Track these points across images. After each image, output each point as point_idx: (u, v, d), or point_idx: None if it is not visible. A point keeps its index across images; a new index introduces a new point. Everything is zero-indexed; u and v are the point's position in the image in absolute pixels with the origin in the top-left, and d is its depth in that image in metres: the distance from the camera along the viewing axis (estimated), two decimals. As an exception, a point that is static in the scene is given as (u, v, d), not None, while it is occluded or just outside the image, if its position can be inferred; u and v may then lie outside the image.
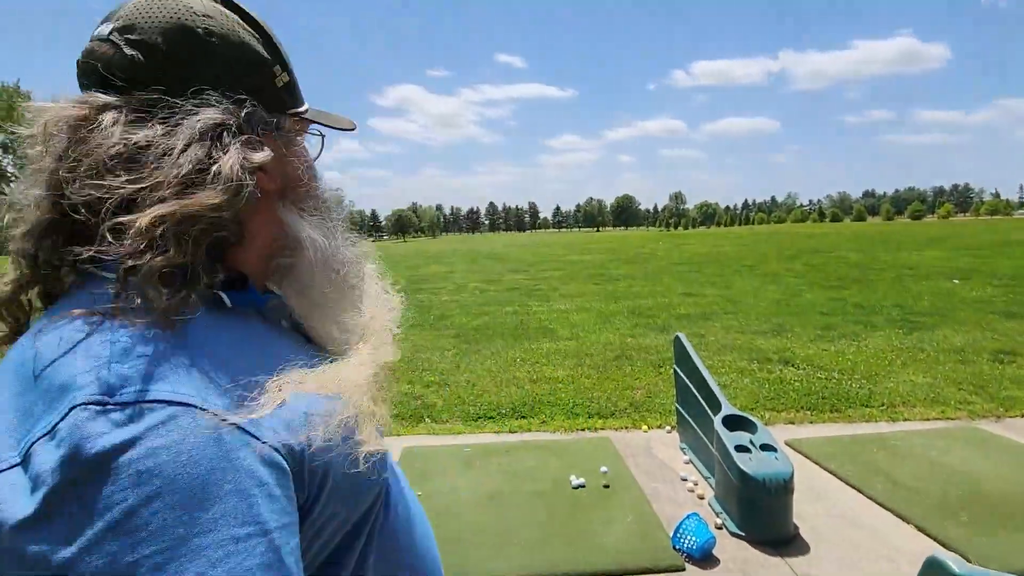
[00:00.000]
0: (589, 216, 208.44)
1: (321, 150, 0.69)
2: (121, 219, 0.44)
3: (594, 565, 2.37)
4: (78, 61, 0.53)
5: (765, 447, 2.71)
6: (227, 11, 0.57)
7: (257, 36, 0.58)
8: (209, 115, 0.50)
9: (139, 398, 0.40)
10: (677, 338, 3.67)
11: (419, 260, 25.46)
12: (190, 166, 0.47)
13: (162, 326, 0.44)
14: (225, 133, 0.51)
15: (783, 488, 2.49)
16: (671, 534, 2.52)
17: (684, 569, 2.35)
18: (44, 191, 0.48)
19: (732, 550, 2.48)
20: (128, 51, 0.50)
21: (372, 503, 0.57)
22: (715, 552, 2.45)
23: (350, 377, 0.54)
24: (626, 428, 4.06)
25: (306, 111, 0.64)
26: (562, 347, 6.53)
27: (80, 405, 0.39)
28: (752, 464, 2.57)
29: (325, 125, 0.67)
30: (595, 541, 2.54)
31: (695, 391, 3.37)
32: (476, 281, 14.48)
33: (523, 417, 4.32)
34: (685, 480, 3.16)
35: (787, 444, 3.58)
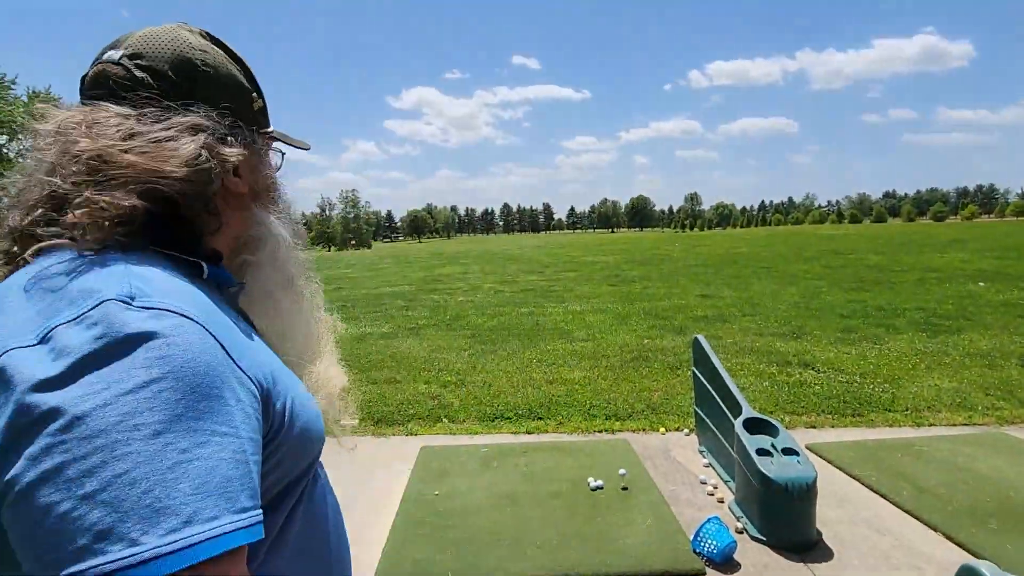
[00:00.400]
0: (604, 217, 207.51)
1: (281, 164, 0.80)
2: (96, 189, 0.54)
3: (613, 567, 2.35)
4: (86, 77, 0.63)
5: (787, 451, 2.67)
6: (215, 47, 0.68)
7: (239, 68, 0.70)
8: (193, 119, 0.61)
9: (158, 305, 0.48)
10: (696, 340, 3.64)
11: (434, 260, 25.56)
12: (160, 143, 0.57)
13: (152, 261, 0.55)
14: (203, 132, 0.61)
15: (806, 493, 2.45)
16: (691, 537, 2.49)
17: (705, 573, 2.32)
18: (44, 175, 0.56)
19: (753, 555, 2.45)
20: (138, 74, 0.61)
21: (308, 467, 0.64)
22: (736, 556, 2.42)
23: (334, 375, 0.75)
24: (643, 430, 4.03)
25: (272, 131, 0.77)
26: (578, 348, 6.50)
27: (111, 299, 0.47)
28: (774, 468, 2.53)
29: (287, 143, 0.80)
30: (614, 543, 2.52)
31: (714, 393, 3.33)
32: (491, 282, 14.49)
33: (540, 418, 4.31)
34: (704, 483, 3.13)
35: (808, 448, 3.52)
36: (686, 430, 3.96)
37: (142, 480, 0.41)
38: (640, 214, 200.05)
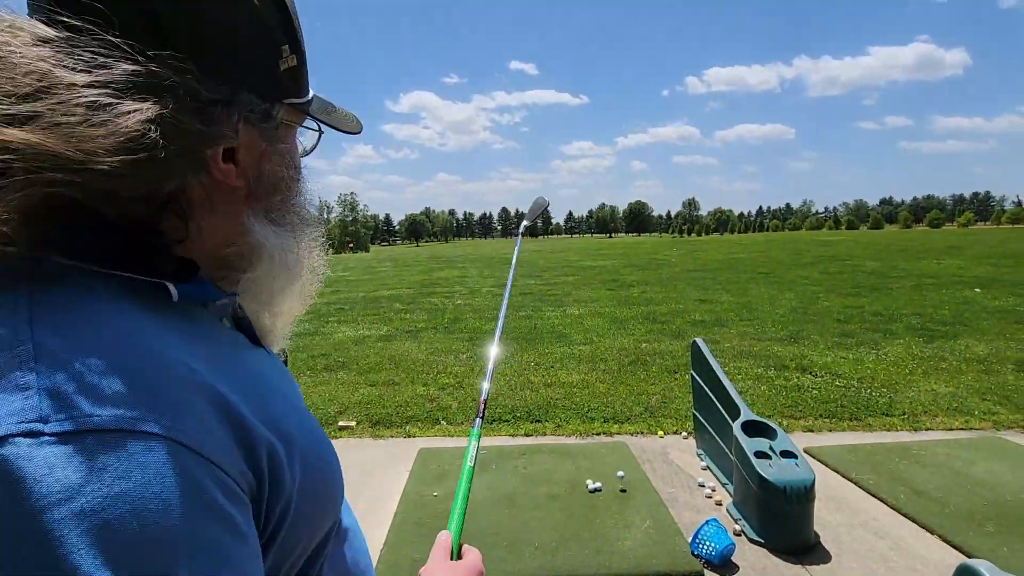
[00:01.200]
0: (602, 222, 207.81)
1: (315, 147, 0.59)
2: None
3: (611, 569, 2.35)
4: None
5: (786, 454, 2.68)
6: None
7: (272, 4, 0.46)
8: (149, 68, 0.38)
9: (93, 425, 0.32)
10: (695, 343, 3.65)
11: (432, 264, 25.57)
12: (83, 110, 0.36)
13: (74, 300, 0.36)
14: (163, 95, 0.39)
15: (804, 495, 2.46)
16: (689, 539, 2.50)
17: (703, 575, 2.33)
18: None
19: (751, 557, 2.45)
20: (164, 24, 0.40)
21: (331, 527, 0.54)
22: (734, 559, 2.42)
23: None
24: (642, 433, 4.03)
25: (309, 101, 0.54)
26: (576, 352, 6.51)
27: (9, 437, 0.30)
28: (772, 471, 2.54)
29: (327, 124, 0.58)
30: (612, 545, 2.52)
31: (713, 396, 3.34)
32: (489, 285, 14.50)
33: (538, 421, 4.31)
34: (703, 486, 3.13)
35: (806, 452, 3.53)
36: (684, 433, 3.97)
37: None
38: (638, 219, 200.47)
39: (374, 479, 3.34)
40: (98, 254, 0.38)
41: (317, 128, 0.57)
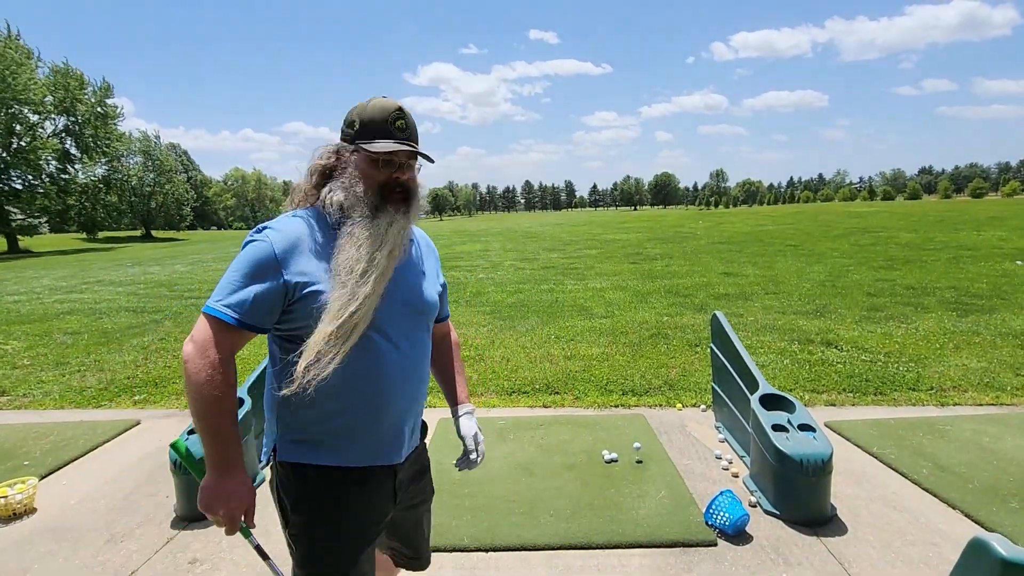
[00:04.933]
0: (626, 194, 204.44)
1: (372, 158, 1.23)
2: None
3: (625, 536, 2.39)
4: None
5: (803, 427, 2.66)
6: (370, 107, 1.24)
7: (374, 117, 1.22)
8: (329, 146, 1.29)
9: (264, 226, 1.18)
10: (715, 316, 3.61)
11: (455, 238, 25.62)
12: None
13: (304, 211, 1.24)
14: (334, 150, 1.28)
15: (821, 469, 2.44)
16: (704, 510, 2.52)
17: (716, 544, 2.35)
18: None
19: (766, 528, 2.46)
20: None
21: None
22: (748, 529, 2.43)
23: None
24: (660, 406, 4.04)
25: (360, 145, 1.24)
26: (597, 325, 6.50)
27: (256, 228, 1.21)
28: (790, 444, 2.52)
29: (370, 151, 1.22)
30: (626, 513, 2.56)
31: (732, 370, 3.32)
32: (512, 259, 14.49)
33: (557, 393, 4.34)
34: (719, 458, 3.13)
35: (827, 426, 3.50)
36: (703, 406, 3.96)
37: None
38: (664, 191, 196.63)
39: (395, 447, 3.43)
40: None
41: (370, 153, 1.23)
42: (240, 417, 2.87)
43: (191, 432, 2.79)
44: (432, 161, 1.31)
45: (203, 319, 1.11)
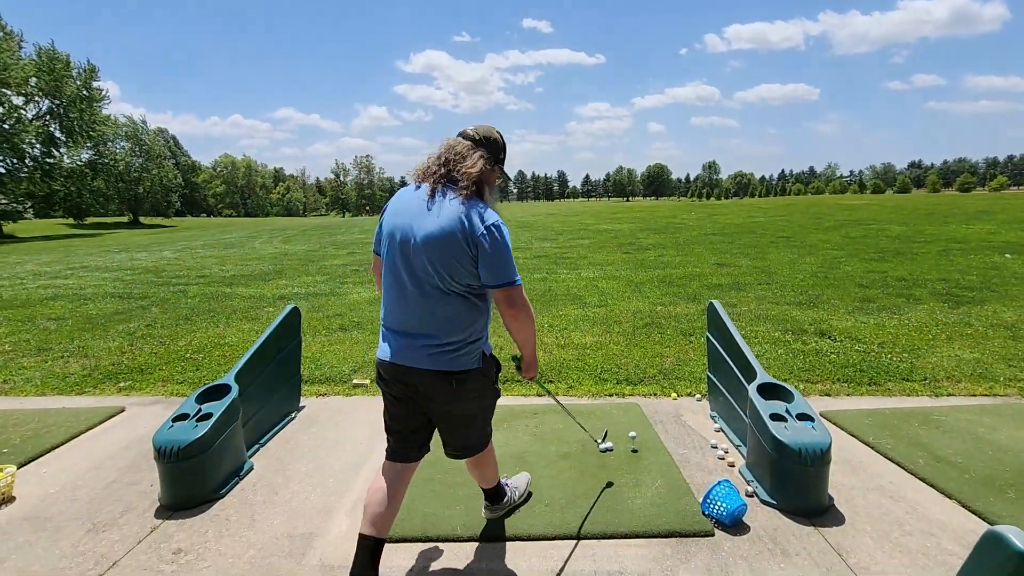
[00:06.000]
0: (619, 185, 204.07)
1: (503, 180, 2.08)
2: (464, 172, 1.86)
3: (621, 527, 2.35)
4: (462, 132, 1.96)
5: (802, 416, 2.63)
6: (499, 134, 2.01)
7: (502, 145, 2.01)
8: (483, 156, 1.91)
9: (495, 221, 1.83)
10: (711, 304, 3.57)
11: (447, 227, 25.36)
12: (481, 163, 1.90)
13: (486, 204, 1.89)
14: (484, 160, 1.91)
15: (820, 459, 2.41)
16: (700, 500, 2.48)
17: (713, 535, 2.31)
18: (438, 165, 1.89)
19: (763, 518, 2.43)
20: (477, 138, 1.94)
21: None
22: (745, 519, 2.40)
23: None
24: (655, 395, 4.00)
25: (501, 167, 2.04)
26: (590, 314, 6.46)
27: (493, 223, 1.83)
28: (788, 433, 2.49)
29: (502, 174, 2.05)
30: (622, 504, 2.52)
31: (728, 358, 3.28)
32: (503, 248, 14.39)
33: (550, 382, 4.29)
34: (715, 447, 3.10)
35: (823, 416, 3.48)
36: (698, 395, 3.93)
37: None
38: (657, 182, 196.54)
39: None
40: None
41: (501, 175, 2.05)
42: (228, 403, 2.79)
43: (176, 419, 2.72)
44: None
45: (519, 287, 1.87)
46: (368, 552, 1.89)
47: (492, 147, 1.93)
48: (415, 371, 1.85)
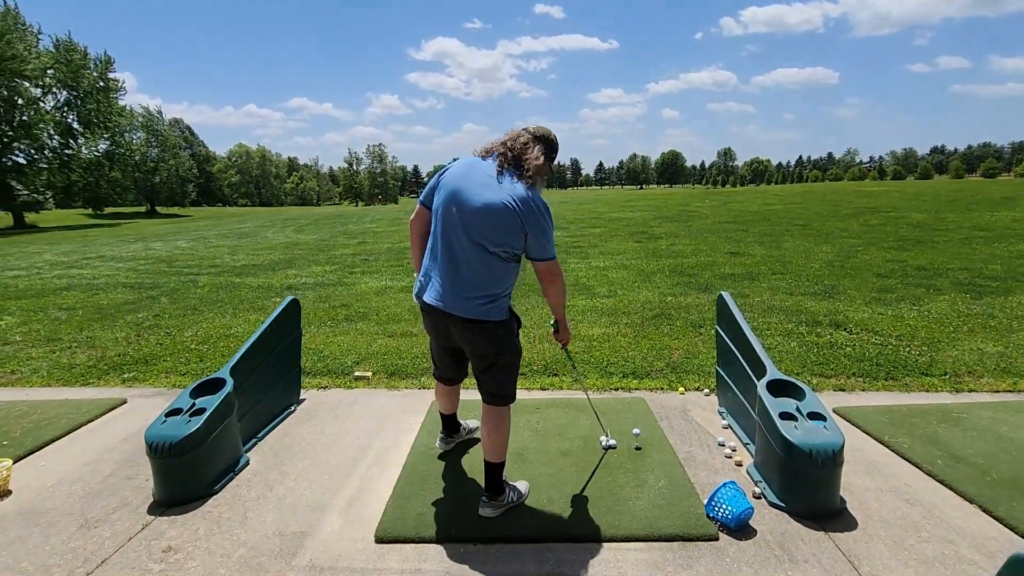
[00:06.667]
0: (633, 173, 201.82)
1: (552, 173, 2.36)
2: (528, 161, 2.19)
3: (621, 529, 2.26)
4: (525, 129, 2.28)
5: (813, 415, 2.51)
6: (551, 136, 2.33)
7: (556, 144, 2.34)
8: (543, 151, 2.26)
9: (545, 206, 2.19)
10: (721, 296, 3.44)
11: (458, 216, 25.23)
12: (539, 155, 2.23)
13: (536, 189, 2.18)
14: (544, 155, 2.25)
15: (832, 460, 2.29)
16: (705, 501, 2.39)
17: (718, 539, 2.22)
18: (505, 149, 2.22)
19: (771, 522, 2.33)
20: (538, 135, 2.28)
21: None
22: (752, 523, 2.30)
23: None
24: (662, 389, 3.90)
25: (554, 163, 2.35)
26: (598, 304, 6.34)
27: (544, 208, 2.18)
28: (798, 433, 2.37)
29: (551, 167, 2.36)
30: (624, 504, 2.43)
31: (738, 353, 3.16)
32: (514, 237, 14.26)
33: (555, 374, 4.21)
34: (723, 445, 3.00)
35: (836, 412, 3.35)
36: (706, 390, 3.82)
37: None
38: (671, 169, 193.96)
39: (385, 430, 3.31)
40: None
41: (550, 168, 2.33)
42: (223, 398, 2.75)
43: (168, 415, 2.68)
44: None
45: (556, 261, 2.25)
46: (447, 420, 2.95)
47: (548, 145, 2.28)
48: (453, 317, 2.21)
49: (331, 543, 2.25)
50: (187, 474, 2.55)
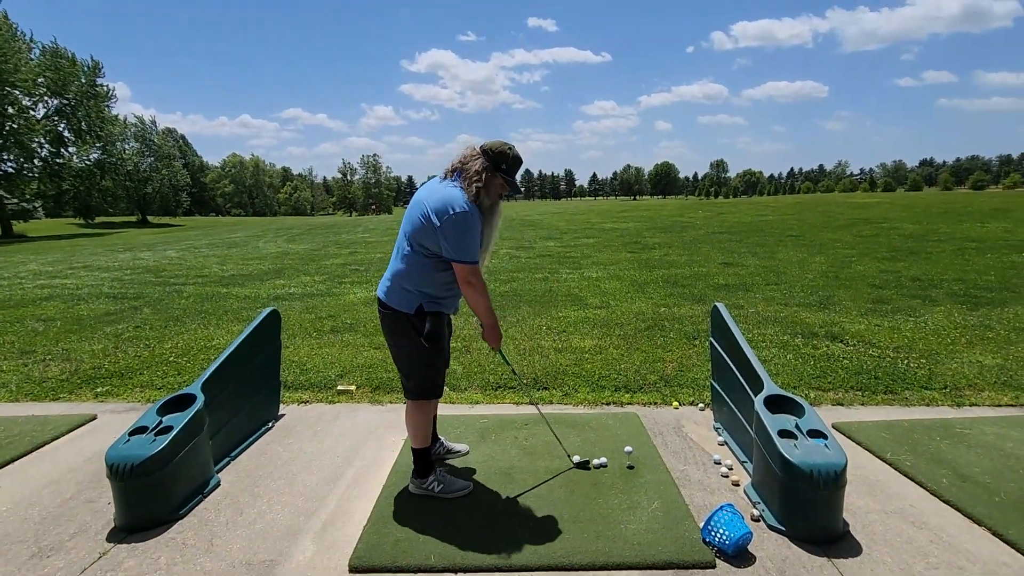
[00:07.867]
0: (626, 184, 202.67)
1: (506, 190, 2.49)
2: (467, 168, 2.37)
3: (612, 556, 2.12)
4: (479, 147, 2.42)
5: (814, 433, 2.38)
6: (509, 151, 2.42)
7: (510, 157, 2.42)
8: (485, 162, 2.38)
9: (467, 208, 2.30)
10: (715, 308, 3.33)
11: (451, 226, 25.14)
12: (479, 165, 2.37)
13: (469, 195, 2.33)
14: (488, 165, 2.38)
15: (834, 481, 2.17)
16: (701, 525, 2.25)
17: (715, 566, 2.08)
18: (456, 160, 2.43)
19: (770, 547, 2.20)
20: (485, 149, 2.41)
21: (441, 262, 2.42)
22: (751, 548, 2.17)
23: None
24: (655, 404, 3.77)
25: (503, 174, 2.42)
26: (591, 315, 6.22)
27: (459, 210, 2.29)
28: (798, 452, 2.25)
29: (509, 182, 2.45)
30: (614, 529, 2.29)
31: (733, 366, 3.04)
32: (507, 247, 14.17)
33: (545, 388, 4.07)
34: (719, 463, 2.87)
35: (835, 427, 3.23)
36: (701, 404, 3.69)
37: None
38: (664, 181, 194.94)
39: (367, 448, 3.16)
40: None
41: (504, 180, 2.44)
42: (191, 415, 2.59)
43: (132, 433, 2.52)
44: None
45: (469, 267, 2.30)
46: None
47: (495, 156, 2.36)
48: (379, 300, 2.49)
49: (302, 572, 2.10)
50: (150, 497, 2.39)
